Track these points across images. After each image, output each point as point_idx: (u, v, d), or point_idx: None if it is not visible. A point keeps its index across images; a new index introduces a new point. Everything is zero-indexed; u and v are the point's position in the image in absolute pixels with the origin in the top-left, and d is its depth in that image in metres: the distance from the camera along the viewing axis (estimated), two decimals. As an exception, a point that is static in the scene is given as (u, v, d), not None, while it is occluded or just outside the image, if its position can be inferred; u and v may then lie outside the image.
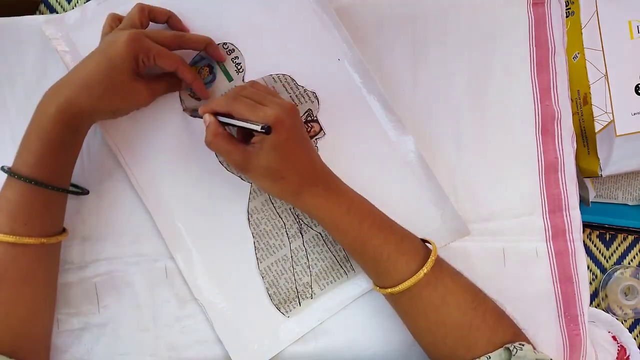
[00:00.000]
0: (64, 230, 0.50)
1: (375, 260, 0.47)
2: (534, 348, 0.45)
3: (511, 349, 0.43)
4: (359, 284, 0.54)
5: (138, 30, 0.47)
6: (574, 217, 0.56)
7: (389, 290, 0.47)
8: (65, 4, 0.61)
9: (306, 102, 0.54)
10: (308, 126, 0.54)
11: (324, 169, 0.49)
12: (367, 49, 0.54)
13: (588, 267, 0.65)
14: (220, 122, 0.47)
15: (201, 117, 0.48)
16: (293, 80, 0.54)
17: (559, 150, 0.56)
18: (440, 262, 0.48)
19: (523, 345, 0.44)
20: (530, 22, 0.56)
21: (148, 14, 0.49)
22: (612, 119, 0.60)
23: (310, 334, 0.54)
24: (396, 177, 0.54)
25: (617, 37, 0.61)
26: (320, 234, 0.54)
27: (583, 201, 0.63)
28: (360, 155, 0.54)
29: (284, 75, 0.54)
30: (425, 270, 0.45)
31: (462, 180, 0.56)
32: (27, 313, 0.46)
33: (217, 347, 0.53)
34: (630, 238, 0.69)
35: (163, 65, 0.48)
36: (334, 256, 0.54)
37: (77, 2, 0.62)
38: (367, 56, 0.54)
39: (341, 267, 0.54)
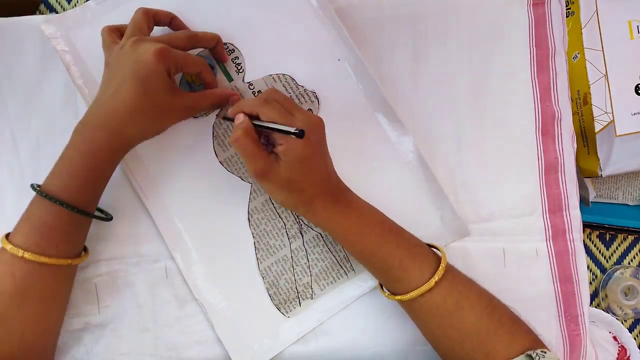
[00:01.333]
0: (85, 249, 0.50)
1: (387, 268, 0.47)
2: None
3: (533, 356, 0.43)
4: (359, 284, 0.54)
5: (161, 45, 0.45)
6: (574, 217, 0.56)
7: (399, 297, 0.47)
8: (65, 3, 0.61)
9: (306, 102, 0.54)
10: None
11: (337, 181, 0.49)
12: (367, 49, 0.54)
13: (588, 267, 0.65)
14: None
15: (231, 120, 0.48)
16: (293, 80, 0.54)
17: (559, 151, 0.56)
18: (451, 268, 0.48)
19: (545, 352, 0.43)
20: (531, 22, 0.56)
21: (153, 18, 0.49)
22: (612, 119, 0.60)
23: (311, 334, 0.54)
24: (396, 177, 0.54)
25: (617, 37, 0.61)
26: (320, 234, 0.54)
27: (583, 201, 0.63)
28: (360, 155, 0.54)
29: (283, 75, 0.53)
30: (436, 277, 0.45)
31: (462, 180, 0.56)
32: (43, 329, 0.47)
33: (217, 347, 0.53)
34: (631, 238, 0.69)
35: (189, 72, 0.48)
36: (334, 256, 0.54)
37: (77, 2, 0.62)
38: (367, 56, 0.54)
39: (341, 267, 0.54)
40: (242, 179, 0.54)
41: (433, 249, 0.49)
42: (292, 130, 0.42)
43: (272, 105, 0.45)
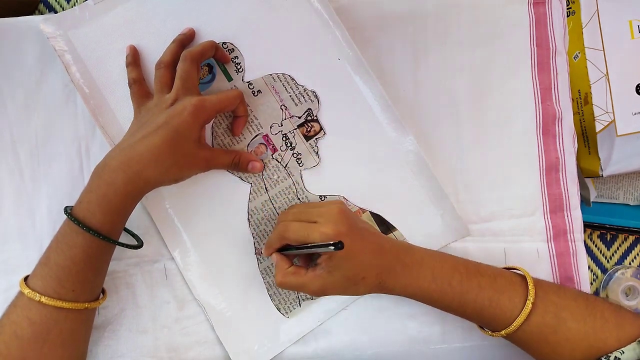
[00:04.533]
0: (103, 291, 0.50)
1: (478, 311, 0.46)
2: None
3: None
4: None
5: (197, 99, 0.46)
6: (575, 218, 0.56)
7: (504, 332, 0.46)
8: (64, 3, 0.60)
9: (306, 101, 0.54)
10: (308, 126, 0.54)
11: (393, 246, 0.48)
12: (367, 49, 0.54)
13: (589, 268, 0.65)
14: (285, 255, 0.48)
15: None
16: (293, 79, 0.53)
17: (560, 151, 0.56)
18: (539, 283, 0.47)
19: None
20: (531, 21, 0.56)
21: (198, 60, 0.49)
22: (612, 118, 0.60)
23: (311, 334, 0.54)
24: (396, 177, 0.54)
25: (618, 36, 0.61)
26: None
27: (584, 201, 0.63)
28: (361, 155, 0.54)
29: (283, 74, 0.53)
30: (531, 299, 0.45)
31: (463, 180, 0.56)
32: None
33: (217, 348, 0.53)
34: (631, 238, 0.68)
35: (226, 111, 0.51)
36: None
37: (77, 2, 0.61)
38: (367, 56, 0.53)
39: None
40: (242, 179, 0.53)
41: (513, 271, 0.49)
42: (329, 246, 0.41)
43: (292, 230, 0.46)
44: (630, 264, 0.69)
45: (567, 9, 0.61)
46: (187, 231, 0.53)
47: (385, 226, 0.54)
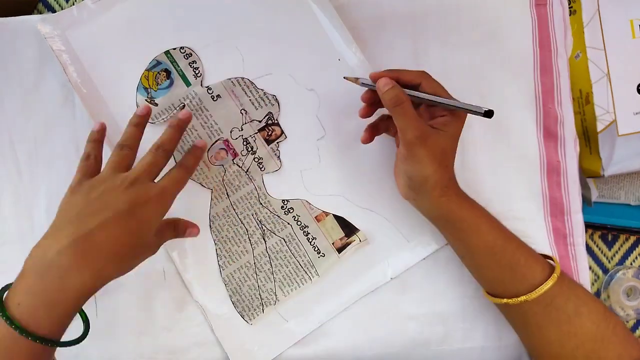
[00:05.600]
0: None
1: (513, 264, 0.46)
2: None
3: None
4: (357, 287, 0.54)
5: (163, 186, 0.42)
6: (576, 222, 0.56)
7: (523, 297, 0.45)
8: (63, 2, 0.60)
9: (266, 105, 0.53)
10: (269, 130, 0.53)
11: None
12: (367, 49, 0.54)
13: (590, 268, 0.65)
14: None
15: (371, 86, 0.47)
16: (252, 83, 0.53)
17: (561, 154, 0.56)
18: (566, 275, 0.48)
19: None
20: (534, 22, 0.56)
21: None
22: (614, 118, 0.60)
23: (311, 336, 0.53)
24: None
25: (619, 36, 0.60)
26: (284, 239, 0.53)
27: (585, 201, 0.63)
28: (360, 155, 0.54)
29: (242, 78, 0.53)
30: (557, 273, 0.45)
31: (463, 182, 0.55)
32: None
33: (217, 349, 0.53)
34: (633, 238, 0.68)
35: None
36: (298, 261, 0.53)
37: (75, 1, 0.61)
38: (367, 56, 0.53)
39: (305, 272, 0.53)
40: (203, 185, 0.53)
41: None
42: (482, 110, 0.42)
43: (435, 81, 0.46)
44: (631, 264, 0.69)
45: (568, 7, 0.61)
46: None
47: (349, 229, 0.53)
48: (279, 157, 0.53)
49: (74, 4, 0.56)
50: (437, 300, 0.54)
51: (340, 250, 0.53)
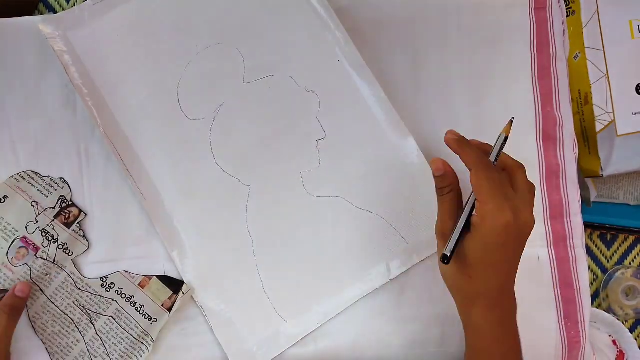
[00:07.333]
0: None
1: None
2: None
3: None
4: (359, 286, 0.54)
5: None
6: (575, 224, 0.55)
7: None
8: (64, 3, 0.60)
9: (55, 190, 0.52)
10: (65, 213, 0.52)
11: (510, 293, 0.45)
12: (367, 50, 0.54)
13: (589, 268, 0.65)
14: None
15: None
16: (37, 173, 0.52)
17: (560, 157, 0.56)
18: None
19: None
20: (532, 26, 0.56)
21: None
22: (613, 118, 0.60)
23: (310, 336, 0.54)
24: (396, 179, 0.54)
25: (618, 36, 0.61)
26: (112, 317, 0.51)
27: (585, 201, 0.63)
28: (360, 156, 0.54)
29: (25, 172, 0.52)
30: None
31: (463, 183, 0.55)
32: None
33: (217, 350, 0.53)
34: (632, 238, 0.68)
35: None
36: (131, 335, 0.51)
37: (76, 2, 0.61)
38: (367, 57, 0.53)
39: (142, 343, 0.51)
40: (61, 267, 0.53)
41: None
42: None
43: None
44: (630, 264, 0.69)
45: (567, 9, 0.61)
46: (185, 232, 0.53)
47: (176, 285, 0.52)
48: (84, 236, 0.52)
49: (75, 5, 0.57)
50: (436, 302, 0.54)
51: (170, 309, 0.52)
